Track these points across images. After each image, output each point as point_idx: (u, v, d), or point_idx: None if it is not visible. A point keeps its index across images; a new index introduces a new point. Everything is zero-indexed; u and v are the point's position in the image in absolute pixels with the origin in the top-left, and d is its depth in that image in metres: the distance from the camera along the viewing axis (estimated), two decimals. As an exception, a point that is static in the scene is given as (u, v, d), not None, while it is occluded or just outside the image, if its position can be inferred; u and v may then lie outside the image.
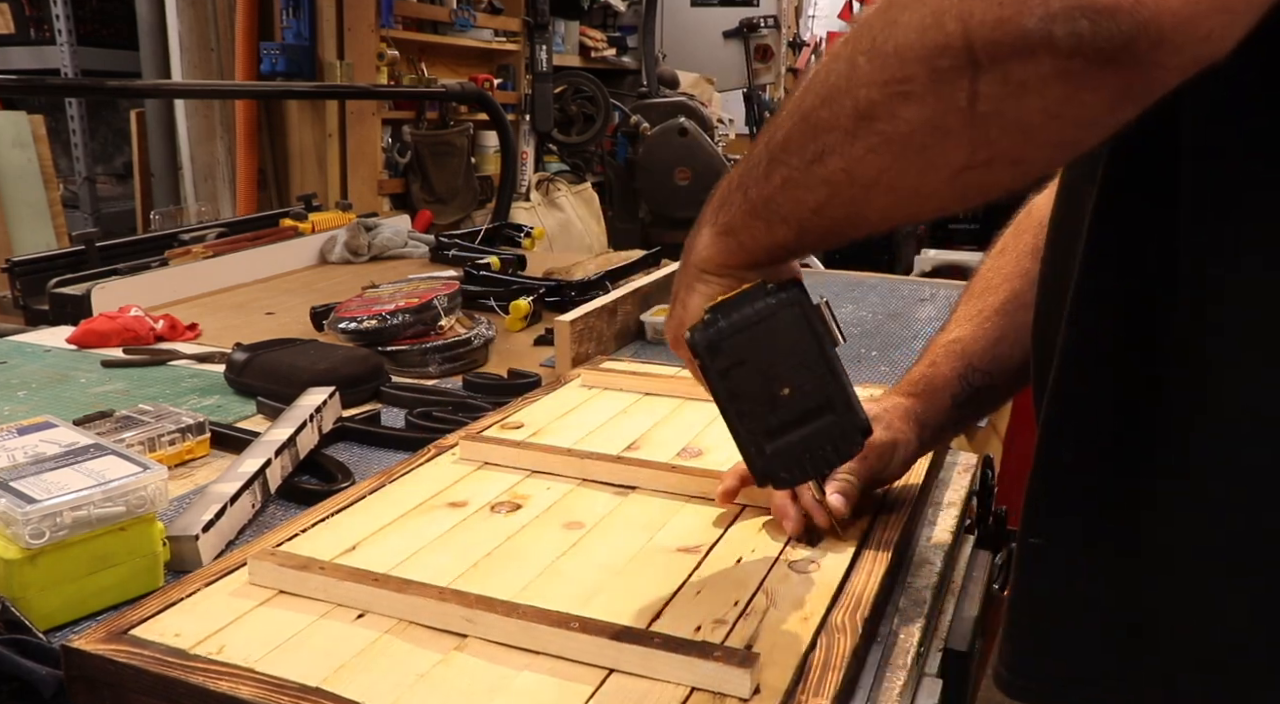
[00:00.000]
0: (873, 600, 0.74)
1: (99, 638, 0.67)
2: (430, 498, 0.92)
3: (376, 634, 0.69)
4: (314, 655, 0.66)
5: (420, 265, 2.41)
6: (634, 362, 1.44)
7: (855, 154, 0.54)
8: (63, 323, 1.80)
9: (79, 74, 3.41)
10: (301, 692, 0.62)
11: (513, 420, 1.13)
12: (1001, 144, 0.49)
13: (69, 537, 0.78)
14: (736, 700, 0.62)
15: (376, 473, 0.98)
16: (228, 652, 0.67)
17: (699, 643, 0.66)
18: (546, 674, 0.65)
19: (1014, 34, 0.45)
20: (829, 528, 0.83)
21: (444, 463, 1.00)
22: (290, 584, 0.74)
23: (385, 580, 0.73)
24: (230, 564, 0.78)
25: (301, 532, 0.84)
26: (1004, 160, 0.50)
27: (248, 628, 0.70)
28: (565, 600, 0.73)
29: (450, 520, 0.87)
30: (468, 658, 0.67)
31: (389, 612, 0.71)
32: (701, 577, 0.78)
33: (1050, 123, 0.47)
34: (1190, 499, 0.61)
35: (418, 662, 0.66)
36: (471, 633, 0.69)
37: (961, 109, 0.48)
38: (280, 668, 0.64)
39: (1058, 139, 0.49)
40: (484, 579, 0.77)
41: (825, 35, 7.69)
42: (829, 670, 0.65)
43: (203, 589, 0.75)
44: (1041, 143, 0.49)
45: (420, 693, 0.63)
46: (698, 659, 0.63)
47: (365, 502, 0.90)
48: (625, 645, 0.65)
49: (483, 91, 3.48)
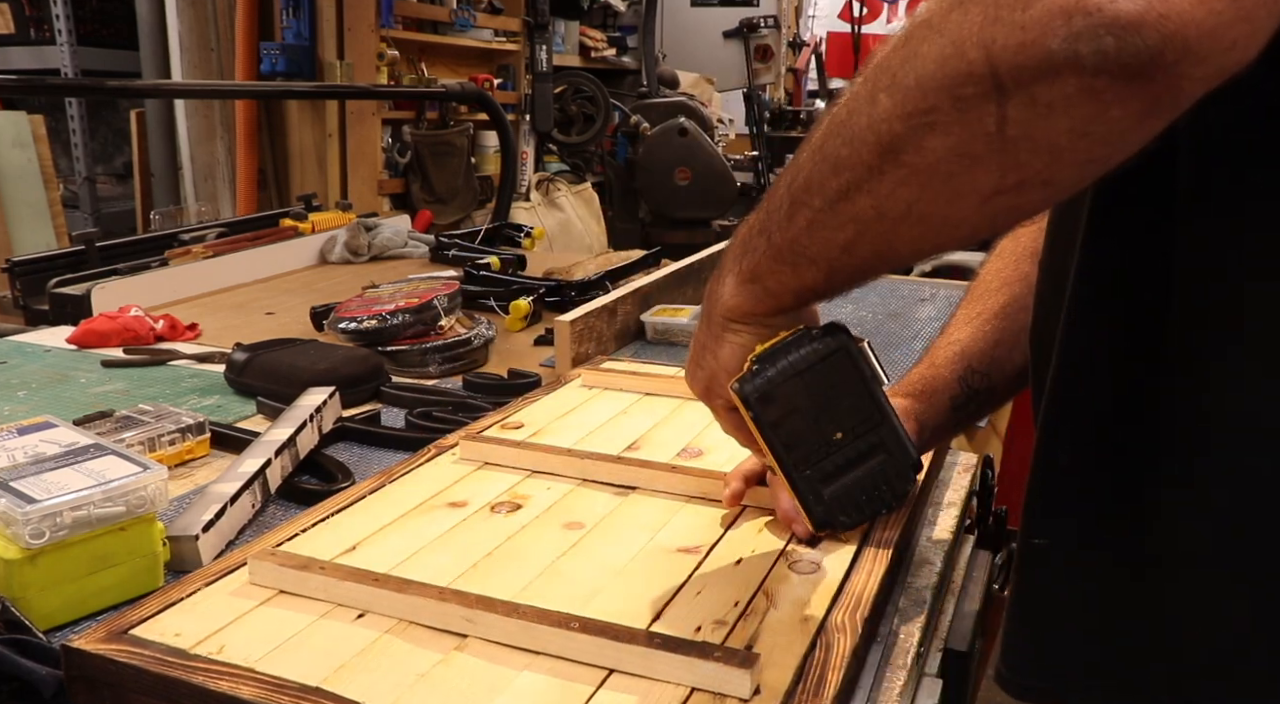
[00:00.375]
0: (873, 600, 0.74)
1: (99, 638, 0.67)
2: (430, 498, 0.92)
3: (377, 634, 0.69)
4: (314, 655, 0.66)
5: (420, 265, 2.41)
6: (634, 361, 1.44)
7: (883, 189, 0.54)
8: (63, 323, 1.80)
9: (79, 74, 3.41)
10: (302, 691, 0.62)
11: (513, 420, 1.13)
12: (1031, 166, 0.49)
13: (69, 537, 0.78)
14: (736, 701, 0.62)
15: (376, 473, 0.98)
16: (228, 651, 0.66)
17: (699, 643, 0.66)
18: (547, 674, 0.65)
19: (1038, 56, 0.45)
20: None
21: (444, 463, 1.00)
22: (291, 584, 0.74)
23: (385, 580, 0.73)
24: (230, 564, 0.78)
25: (301, 531, 0.84)
26: (1034, 182, 0.50)
27: (248, 628, 0.70)
28: (566, 600, 0.73)
29: (451, 520, 0.87)
30: (468, 658, 0.66)
31: (389, 612, 0.71)
32: (702, 576, 0.78)
33: (1079, 142, 0.47)
34: (1194, 508, 0.61)
35: (418, 661, 0.66)
36: (472, 633, 0.69)
37: (989, 134, 0.48)
38: (280, 668, 0.64)
39: (1087, 157, 0.48)
40: (484, 579, 0.77)
41: (825, 35, 7.69)
42: (829, 671, 0.65)
43: (203, 589, 0.75)
44: (1071, 162, 0.48)
45: (420, 693, 0.63)
46: (698, 659, 0.63)
47: (365, 501, 0.90)
48: (625, 646, 0.65)
49: (483, 91, 3.48)
